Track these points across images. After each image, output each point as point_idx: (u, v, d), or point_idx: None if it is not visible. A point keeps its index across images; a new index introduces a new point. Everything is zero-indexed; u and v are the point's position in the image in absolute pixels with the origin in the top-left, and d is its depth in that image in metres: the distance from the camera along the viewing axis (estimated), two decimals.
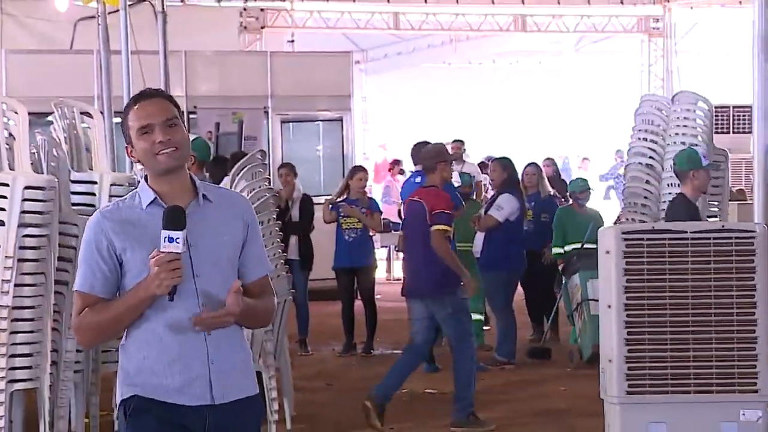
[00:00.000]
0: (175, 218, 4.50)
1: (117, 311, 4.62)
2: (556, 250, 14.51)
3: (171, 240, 4.46)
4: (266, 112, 22.00)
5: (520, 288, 14.94)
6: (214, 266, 4.68)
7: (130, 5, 15.21)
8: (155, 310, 4.62)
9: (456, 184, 14.65)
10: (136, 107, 4.69)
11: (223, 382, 4.65)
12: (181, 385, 4.62)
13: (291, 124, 23.31)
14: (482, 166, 20.46)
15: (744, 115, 20.23)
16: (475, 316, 14.04)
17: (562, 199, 16.94)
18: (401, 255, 15.15)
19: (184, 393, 4.62)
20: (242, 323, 4.77)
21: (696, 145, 12.32)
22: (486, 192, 17.41)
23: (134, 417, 4.66)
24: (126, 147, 4.75)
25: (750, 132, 10.25)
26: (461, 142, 21.30)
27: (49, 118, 11.64)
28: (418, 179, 13.85)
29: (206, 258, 4.66)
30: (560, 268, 14.50)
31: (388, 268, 22.93)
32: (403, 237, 11.58)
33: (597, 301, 11.76)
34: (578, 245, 14.06)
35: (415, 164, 14.47)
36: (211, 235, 4.68)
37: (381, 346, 15.10)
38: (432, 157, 11.35)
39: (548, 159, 20.71)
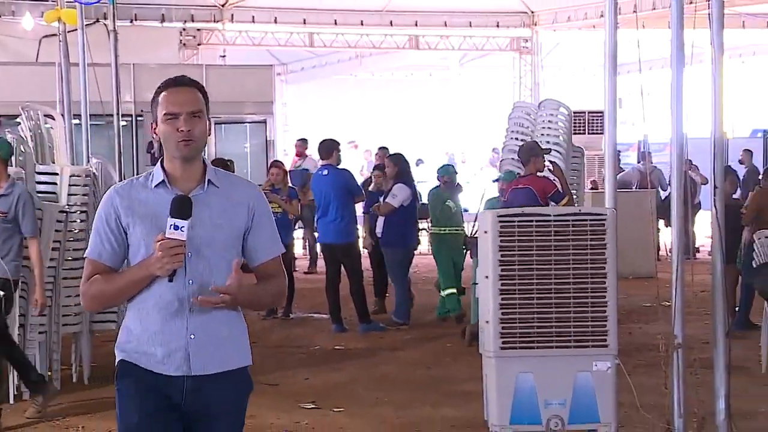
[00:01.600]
0: (182, 207, 4.18)
1: (120, 285, 4.31)
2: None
3: (176, 228, 4.14)
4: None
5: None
6: (207, 249, 4.29)
7: (86, 25, 15.10)
8: (147, 286, 4.29)
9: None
10: (167, 92, 4.33)
11: (203, 355, 4.29)
12: (162, 356, 4.28)
13: (223, 125, 23.35)
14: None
15: (597, 119, 20.36)
16: (451, 290, 14.03)
17: None
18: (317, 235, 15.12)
19: (165, 363, 4.29)
20: (244, 306, 4.48)
21: (559, 143, 12.42)
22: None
23: (119, 380, 4.44)
24: (151, 124, 4.39)
25: (602, 133, 10.37)
26: (304, 140, 21.42)
27: (18, 119, 11.54)
28: (325, 172, 13.95)
29: (200, 240, 4.28)
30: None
31: (304, 246, 22.85)
32: None
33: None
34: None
35: (321, 158, 14.46)
36: (208, 219, 4.30)
37: (298, 311, 15.06)
38: (527, 151, 11.67)
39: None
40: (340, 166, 14.26)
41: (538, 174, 11.58)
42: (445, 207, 14.26)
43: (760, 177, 14.22)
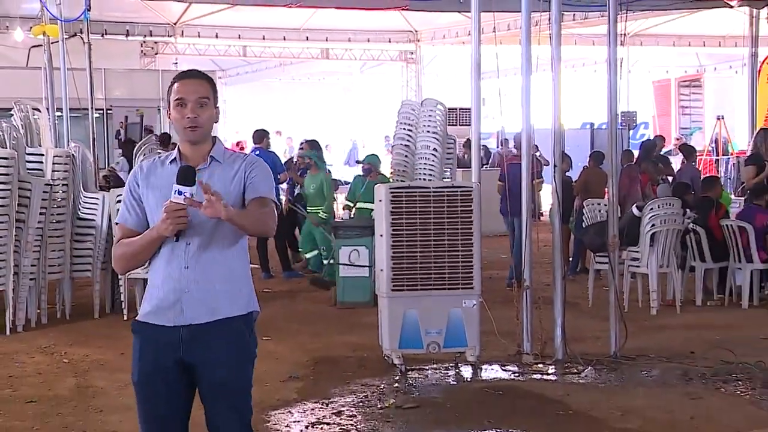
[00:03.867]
0: (186, 175, 3.72)
1: (136, 246, 3.86)
2: (360, 205, 13.63)
3: (180, 193, 3.70)
4: (159, 110, 21.69)
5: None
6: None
7: (66, 38, 14.95)
8: (160, 248, 3.86)
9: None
10: (180, 82, 3.89)
11: (195, 307, 3.80)
12: (161, 308, 3.83)
13: None
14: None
15: (466, 114, 20.32)
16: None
17: None
18: None
19: (164, 315, 3.83)
20: (242, 225, 3.80)
21: (437, 132, 12.41)
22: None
23: (133, 335, 3.97)
24: (167, 110, 3.94)
25: (469, 125, 10.42)
26: (155, 131, 21.03)
27: (11, 112, 11.35)
28: (257, 152, 13.88)
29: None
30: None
31: None
32: (507, 182, 10.88)
33: (344, 265, 11.18)
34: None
35: (254, 143, 14.41)
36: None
37: None
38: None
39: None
40: (269, 149, 14.26)
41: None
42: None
43: (588, 158, 14.40)
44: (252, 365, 3.99)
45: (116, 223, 4.05)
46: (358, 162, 14.82)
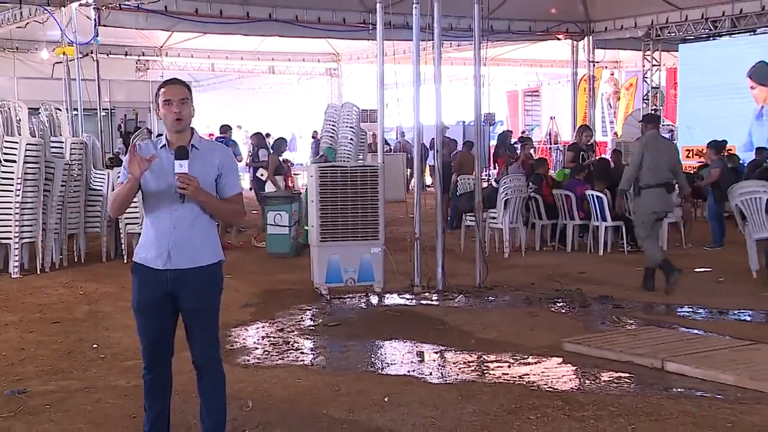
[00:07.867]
0: (183, 153, 3.68)
1: (123, 192, 3.76)
2: None
3: (181, 166, 3.65)
4: (149, 110, 21.20)
5: None
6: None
7: (80, 57, 14.68)
8: (152, 210, 3.77)
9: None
10: (166, 87, 3.79)
11: (179, 256, 3.71)
12: (155, 256, 3.73)
13: None
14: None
15: (374, 113, 20.32)
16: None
17: None
18: None
19: (157, 261, 3.73)
20: (210, 211, 3.78)
21: (353, 127, 12.31)
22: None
23: (132, 274, 3.85)
24: (156, 109, 3.83)
25: (376, 121, 10.41)
26: (146, 126, 20.41)
27: (39, 111, 11.05)
28: (222, 140, 13.81)
29: None
30: None
31: None
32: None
33: (272, 225, 10.93)
34: None
35: (220, 133, 14.24)
36: (192, 168, 3.69)
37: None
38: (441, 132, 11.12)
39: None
40: (231, 139, 14.19)
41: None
42: None
43: (461, 145, 14.46)
44: (220, 295, 3.94)
45: (119, 183, 3.89)
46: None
